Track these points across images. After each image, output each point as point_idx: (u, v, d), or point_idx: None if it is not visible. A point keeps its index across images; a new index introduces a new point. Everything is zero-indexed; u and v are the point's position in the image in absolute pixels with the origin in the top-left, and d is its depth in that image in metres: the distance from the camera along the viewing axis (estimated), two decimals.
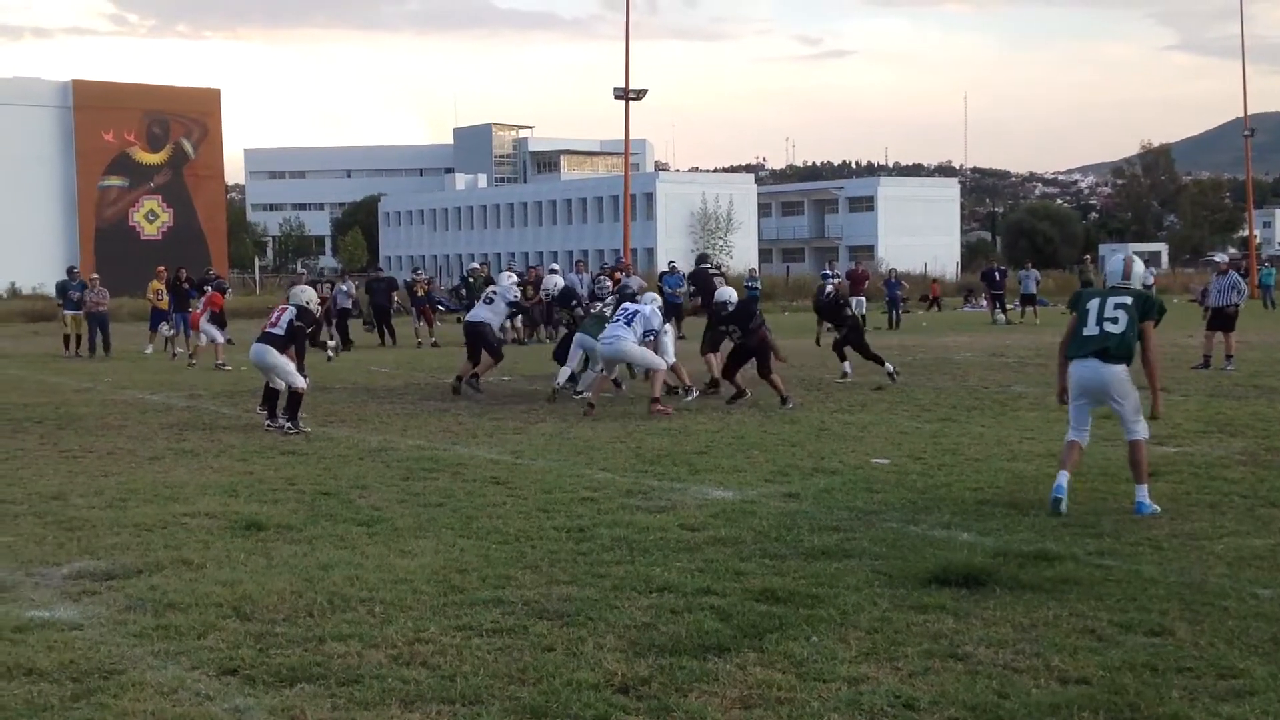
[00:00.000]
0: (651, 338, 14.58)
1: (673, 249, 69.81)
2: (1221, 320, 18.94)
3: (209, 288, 24.15)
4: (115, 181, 68.51)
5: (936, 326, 33.91)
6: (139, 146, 68.95)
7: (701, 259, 26.89)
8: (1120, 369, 8.21)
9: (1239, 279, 19.78)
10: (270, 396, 13.23)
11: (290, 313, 13.34)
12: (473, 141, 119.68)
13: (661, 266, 44.68)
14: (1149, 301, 8.34)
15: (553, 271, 25.85)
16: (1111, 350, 8.18)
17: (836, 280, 34.71)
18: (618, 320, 14.92)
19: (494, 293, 17.59)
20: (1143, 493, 8.18)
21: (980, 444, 11.53)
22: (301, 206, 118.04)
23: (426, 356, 24.47)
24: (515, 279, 20.26)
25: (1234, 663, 5.11)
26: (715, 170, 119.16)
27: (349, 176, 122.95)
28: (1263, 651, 5.26)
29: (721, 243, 79.23)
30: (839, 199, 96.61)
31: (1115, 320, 8.18)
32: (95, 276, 26.78)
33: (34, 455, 11.37)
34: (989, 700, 4.73)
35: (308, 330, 14.29)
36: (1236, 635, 5.47)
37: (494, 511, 8.52)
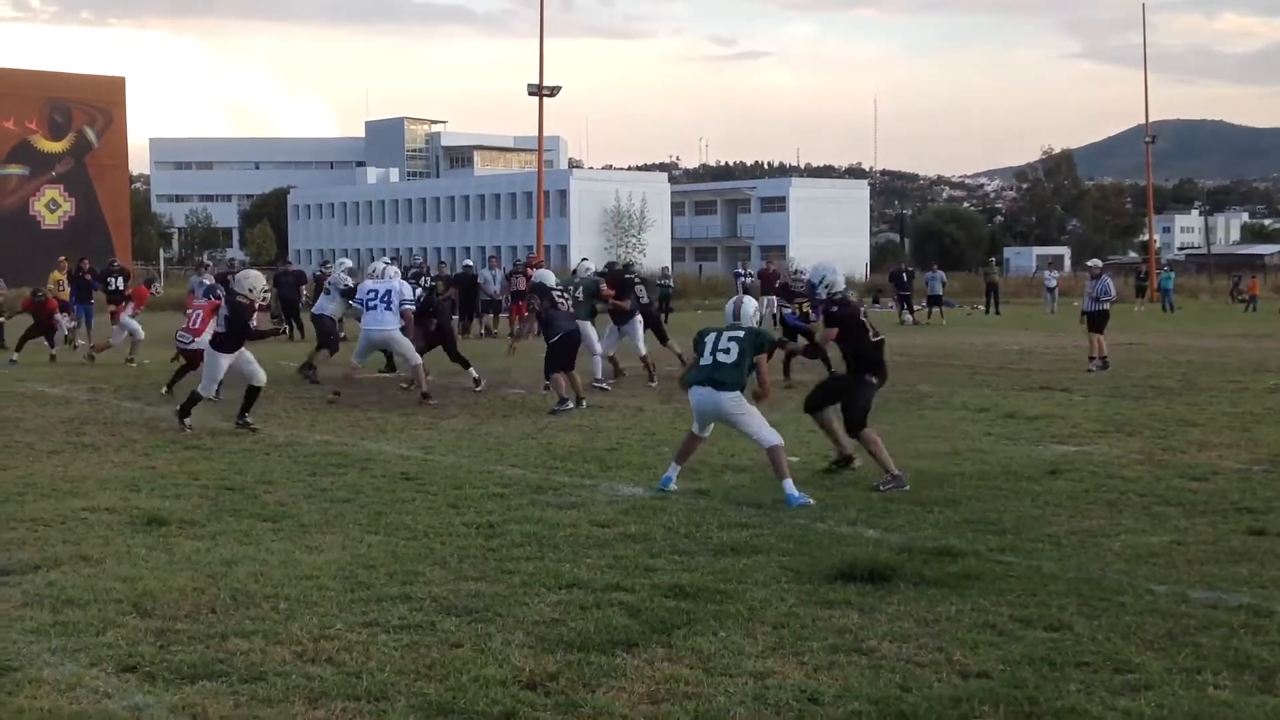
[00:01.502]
0: (410, 306, 14.85)
1: (586, 246, 69.74)
2: (1095, 322, 19.56)
3: (145, 283, 23.68)
4: (15, 170, 66.65)
5: None
6: (40, 134, 67.18)
7: (627, 268, 26.74)
8: (729, 395, 8.98)
9: (1109, 283, 20.42)
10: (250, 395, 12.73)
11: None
12: (385, 135, 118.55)
13: (574, 263, 44.63)
14: (761, 336, 9.33)
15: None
16: (720, 379, 8.96)
17: (749, 279, 35.09)
18: (376, 306, 14.93)
19: (330, 284, 18.05)
20: (789, 485, 8.69)
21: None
22: (208, 198, 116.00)
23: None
24: (348, 265, 19.78)
25: (1130, 657, 5.23)
26: (629, 168, 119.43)
27: (257, 168, 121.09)
28: (1158, 646, 5.39)
29: (635, 241, 79.35)
30: (751, 199, 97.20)
31: (728, 351, 9.03)
32: None
33: None
34: (892, 694, 4.80)
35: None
36: (1133, 630, 5.61)
37: (403, 507, 8.46)
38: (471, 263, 33.40)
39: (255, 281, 13.06)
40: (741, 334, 9.18)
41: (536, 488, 9.19)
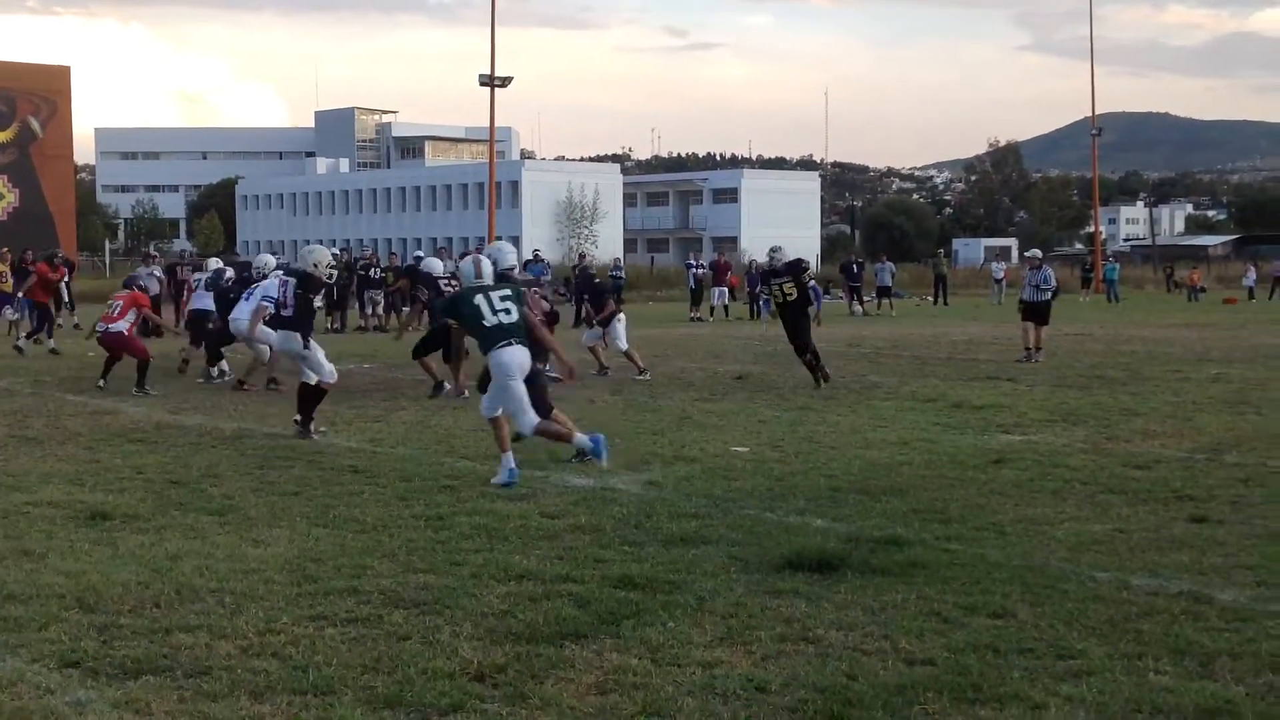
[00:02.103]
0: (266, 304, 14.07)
1: (538, 238, 69.68)
2: (1034, 313, 19.61)
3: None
4: None
5: None
6: None
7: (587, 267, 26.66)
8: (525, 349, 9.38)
9: (1050, 273, 20.55)
10: (313, 395, 11.74)
11: (290, 285, 11.96)
12: (335, 125, 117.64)
13: (526, 255, 44.51)
14: (518, 289, 9.90)
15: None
16: (518, 335, 9.28)
17: (701, 271, 35.09)
18: (244, 297, 15.44)
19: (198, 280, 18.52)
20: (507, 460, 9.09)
21: (835, 432, 11.75)
22: (155, 188, 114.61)
23: None
24: (218, 265, 19.38)
25: (1073, 644, 5.30)
26: (581, 159, 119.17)
27: (205, 158, 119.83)
28: (1100, 633, 5.46)
29: (587, 232, 79.30)
30: (703, 190, 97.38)
31: (508, 311, 9.32)
32: None
33: None
34: (838, 682, 4.83)
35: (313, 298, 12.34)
36: (1075, 617, 5.68)
37: (351, 500, 8.41)
38: (422, 254, 33.22)
39: (321, 256, 12.17)
40: (509, 291, 9.55)
41: (486, 480, 9.16)
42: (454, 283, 15.19)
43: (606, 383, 15.96)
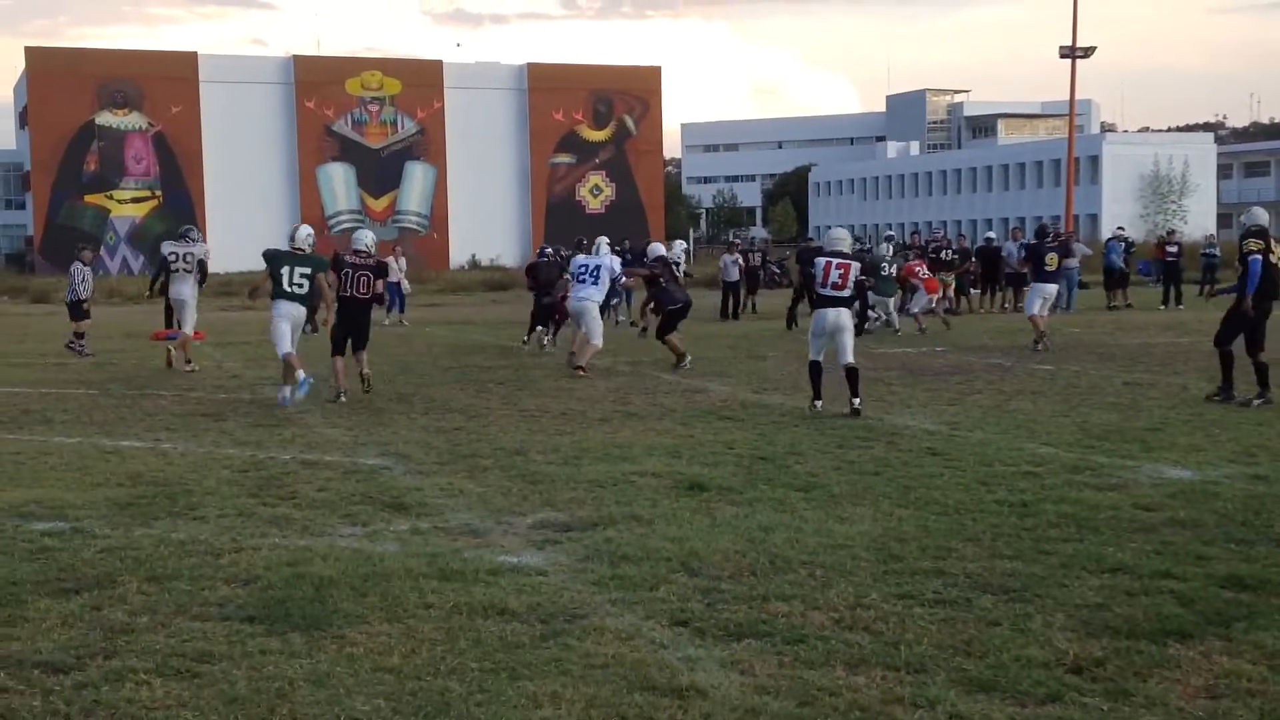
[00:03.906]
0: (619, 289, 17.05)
1: (1119, 215, 66.08)
2: None
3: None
4: (564, 158, 72.81)
5: None
6: (585, 124, 72.90)
7: (1040, 232, 23.41)
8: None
9: None
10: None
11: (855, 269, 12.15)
12: (906, 109, 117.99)
13: (1106, 233, 42.47)
14: (320, 261, 13.29)
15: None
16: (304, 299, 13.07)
17: None
18: (585, 279, 16.51)
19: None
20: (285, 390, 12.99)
21: None
22: (734, 179, 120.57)
23: None
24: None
25: None
26: (1169, 130, 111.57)
27: (780, 148, 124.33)
28: None
29: (1174, 208, 74.22)
30: None
31: (302, 285, 12.94)
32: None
33: (497, 414, 12.27)
34: None
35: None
36: None
37: (931, 482, 8.41)
38: (994, 235, 32.57)
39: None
40: (308, 268, 12.94)
41: (1072, 467, 8.83)
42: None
43: (1199, 371, 14.86)
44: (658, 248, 18.62)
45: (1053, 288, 19.24)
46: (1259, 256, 12.09)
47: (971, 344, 19.45)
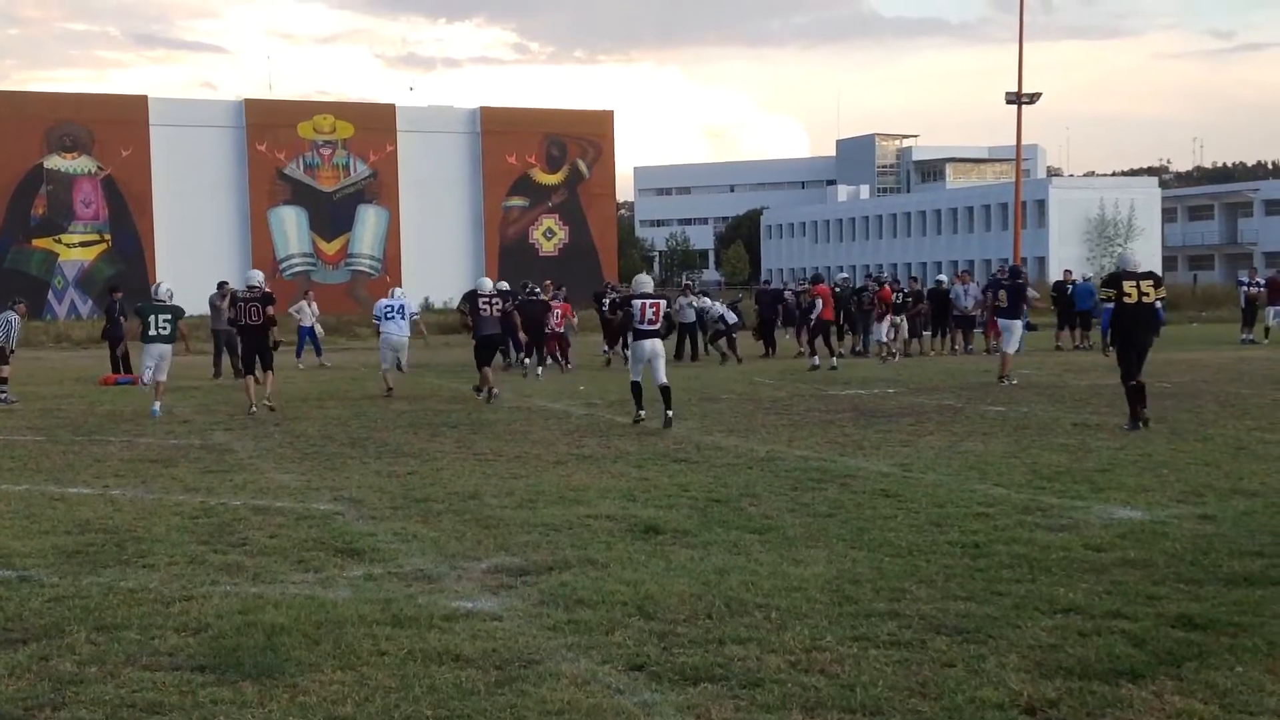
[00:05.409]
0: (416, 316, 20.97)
1: (1066, 258, 67.01)
2: None
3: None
4: (517, 202, 72.84)
5: None
6: (538, 168, 73.04)
7: (1014, 272, 24.98)
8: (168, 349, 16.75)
9: None
10: None
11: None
12: (855, 152, 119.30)
13: (1055, 275, 43.01)
14: (178, 310, 16.70)
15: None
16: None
17: (1255, 289, 32.15)
18: (393, 317, 19.59)
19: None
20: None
21: None
22: (686, 221, 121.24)
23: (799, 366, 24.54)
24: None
25: None
26: (1114, 174, 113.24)
27: (732, 191, 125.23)
28: None
29: (1120, 250, 75.33)
30: (1254, 201, 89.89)
31: (166, 328, 16.35)
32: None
33: (451, 458, 12.23)
34: None
35: None
36: None
37: (885, 524, 8.45)
38: (944, 278, 32.88)
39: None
40: (169, 316, 16.42)
41: (1023, 508, 8.91)
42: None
43: (1158, 408, 15.05)
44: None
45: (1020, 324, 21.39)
46: (1109, 305, 14.05)
47: (923, 385, 19.60)
